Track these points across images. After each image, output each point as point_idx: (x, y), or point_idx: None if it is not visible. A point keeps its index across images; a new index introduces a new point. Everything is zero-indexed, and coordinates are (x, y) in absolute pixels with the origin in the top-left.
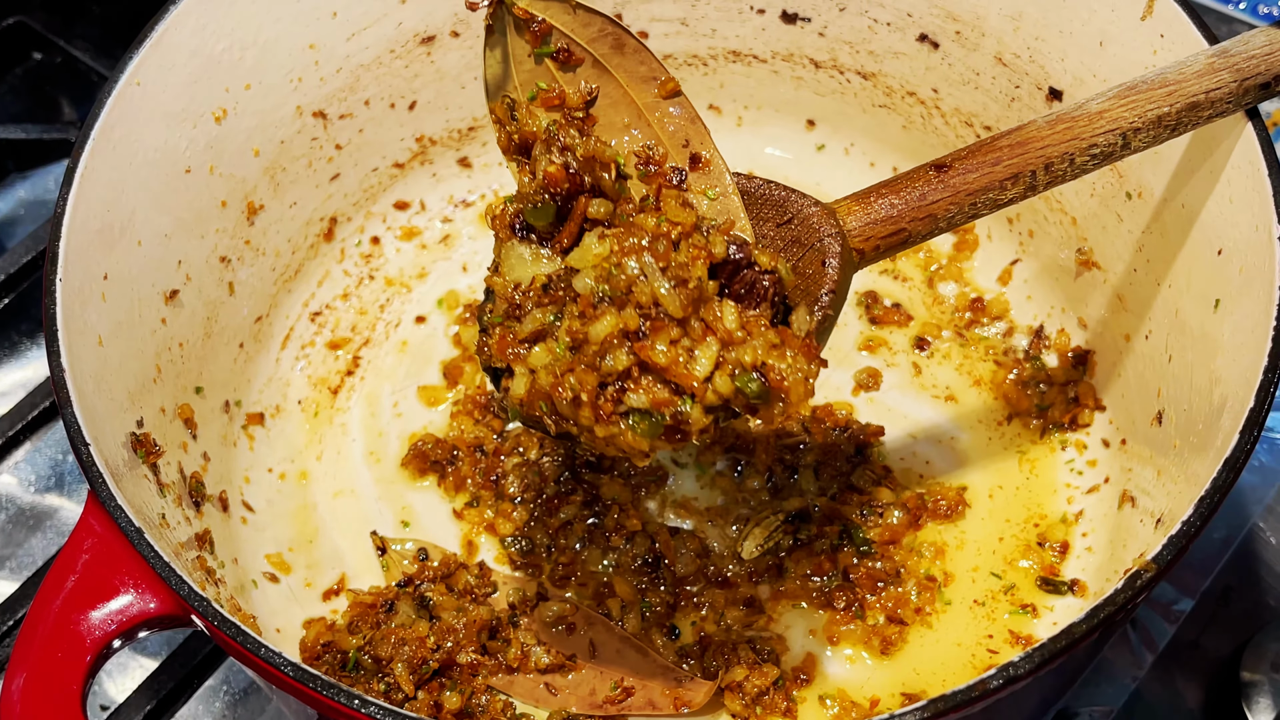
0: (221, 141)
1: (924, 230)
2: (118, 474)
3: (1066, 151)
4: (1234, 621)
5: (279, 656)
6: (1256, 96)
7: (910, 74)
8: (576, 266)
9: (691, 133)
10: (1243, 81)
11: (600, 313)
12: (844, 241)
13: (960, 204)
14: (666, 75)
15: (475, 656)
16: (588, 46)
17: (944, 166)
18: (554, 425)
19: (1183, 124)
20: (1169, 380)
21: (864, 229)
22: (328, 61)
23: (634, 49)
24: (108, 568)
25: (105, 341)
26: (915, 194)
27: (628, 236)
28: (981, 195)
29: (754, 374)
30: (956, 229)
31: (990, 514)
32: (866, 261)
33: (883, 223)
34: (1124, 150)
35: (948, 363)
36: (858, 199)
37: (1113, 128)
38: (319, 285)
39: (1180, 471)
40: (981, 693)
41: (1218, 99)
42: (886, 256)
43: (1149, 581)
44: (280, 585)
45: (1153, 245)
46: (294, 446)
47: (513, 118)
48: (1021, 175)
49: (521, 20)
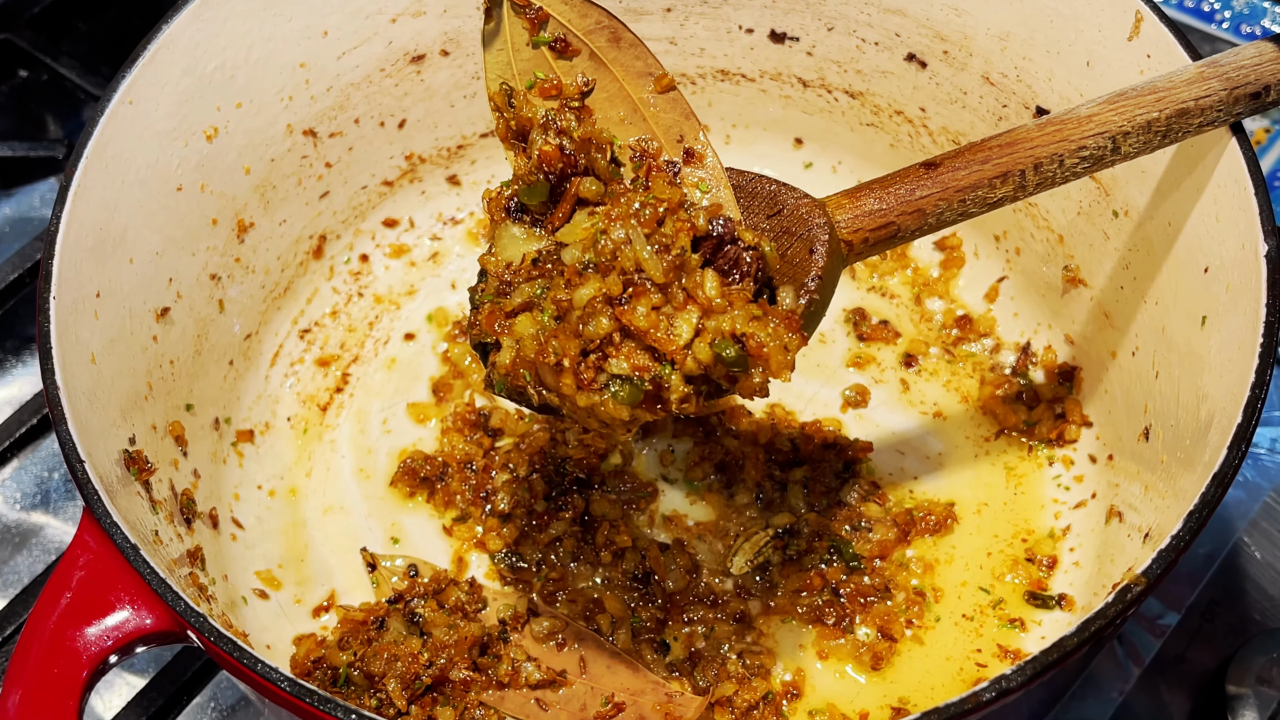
0: (213, 160)
1: (913, 225)
2: (111, 490)
3: (1055, 153)
4: (1219, 635)
5: (275, 671)
6: (1247, 107)
7: (898, 93)
8: (565, 241)
9: (686, 127)
10: (1232, 90)
11: (585, 279)
12: (832, 232)
13: (949, 200)
14: (662, 70)
15: (467, 673)
16: (584, 38)
17: (934, 164)
18: (537, 396)
19: (1173, 131)
20: (1156, 396)
21: (853, 221)
22: (318, 80)
23: (630, 43)
24: (103, 584)
25: (98, 358)
26: (904, 189)
27: (614, 208)
28: (970, 193)
29: (732, 341)
30: (944, 245)
31: (978, 529)
32: (856, 255)
33: (871, 215)
34: (1113, 154)
35: (935, 379)
36: (848, 194)
37: (1101, 130)
38: (308, 302)
39: (1168, 487)
40: (974, 705)
41: (1207, 107)
42: (876, 251)
43: (1138, 595)
44: (270, 602)
45: (1139, 262)
46: (283, 463)
47: (510, 105)
48: (1010, 174)
49: (519, 5)
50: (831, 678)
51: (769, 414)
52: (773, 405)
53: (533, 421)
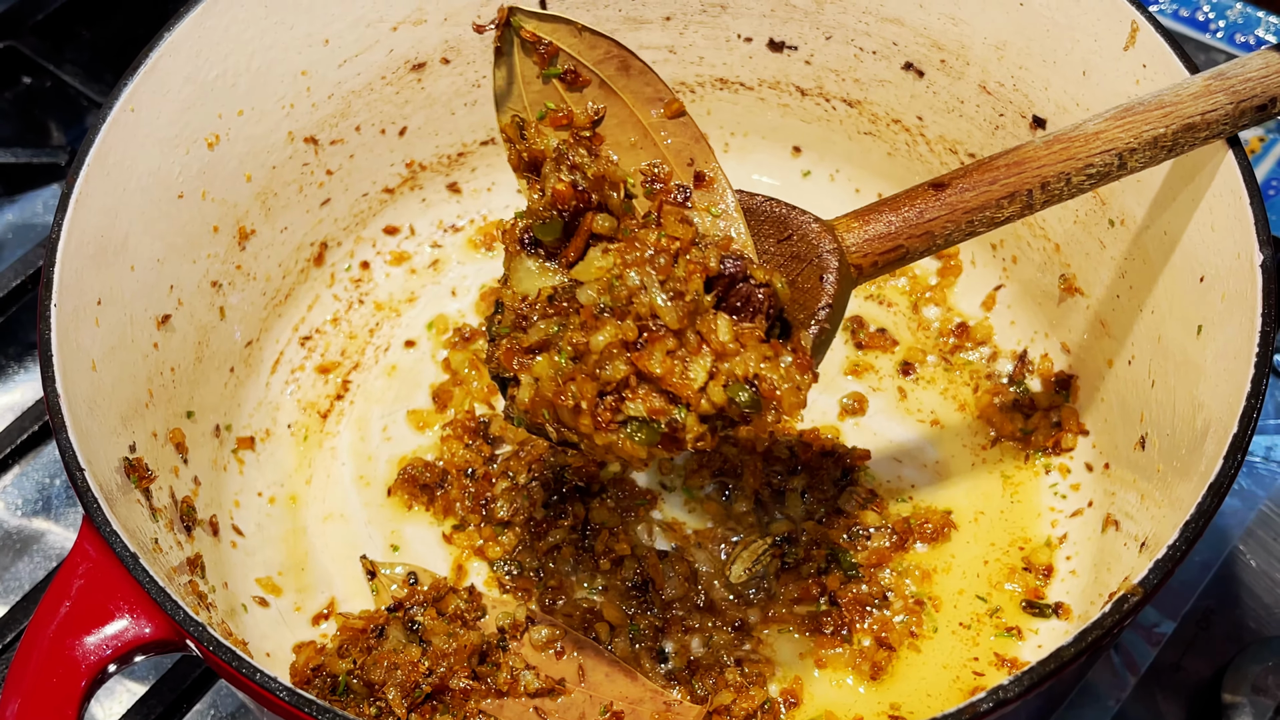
0: (214, 167)
1: (921, 247)
2: (112, 498)
3: (1063, 171)
4: (1215, 643)
5: (274, 681)
6: (1253, 118)
7: (895, 102)
8: (580, 279)
9: (696, 151)
10: (1239, 104)
11: (601, 323)
12: (842, 257)
13: (957, 221)
14: (671, 96)
15: (467, 681)
16: (594, 68)
17: (942, 185)
18: (556, 433)
19: (1179, 145)
20: (1152, 405)
21: (862, 245)
22: (319, 88)
23: (639, 70)
24: (103, 593)
25: (99, 366)
26: (913, 212)
27: (630, 250)
28: (978, 214)
29: (746, 385)
30: (941, 254)
31: (975, 537)
32: (865, 277)
33: (881, 239)
34: (1120, 170)
35: (932, 387)
36: (856, 216)
37: (1108, 148)
38: (309, 310)
39: (1164, 495)
40: (971, 716)
41: (1214, 120)
42: (885, 273)
43: (1135, 605)
44: (270, 609)
45: (1135, 271)
46: (284, 470)
47: (522, 136)
48: (1018, 194)
49: (529, 42)
50: (829, 686)
51: None
52: None
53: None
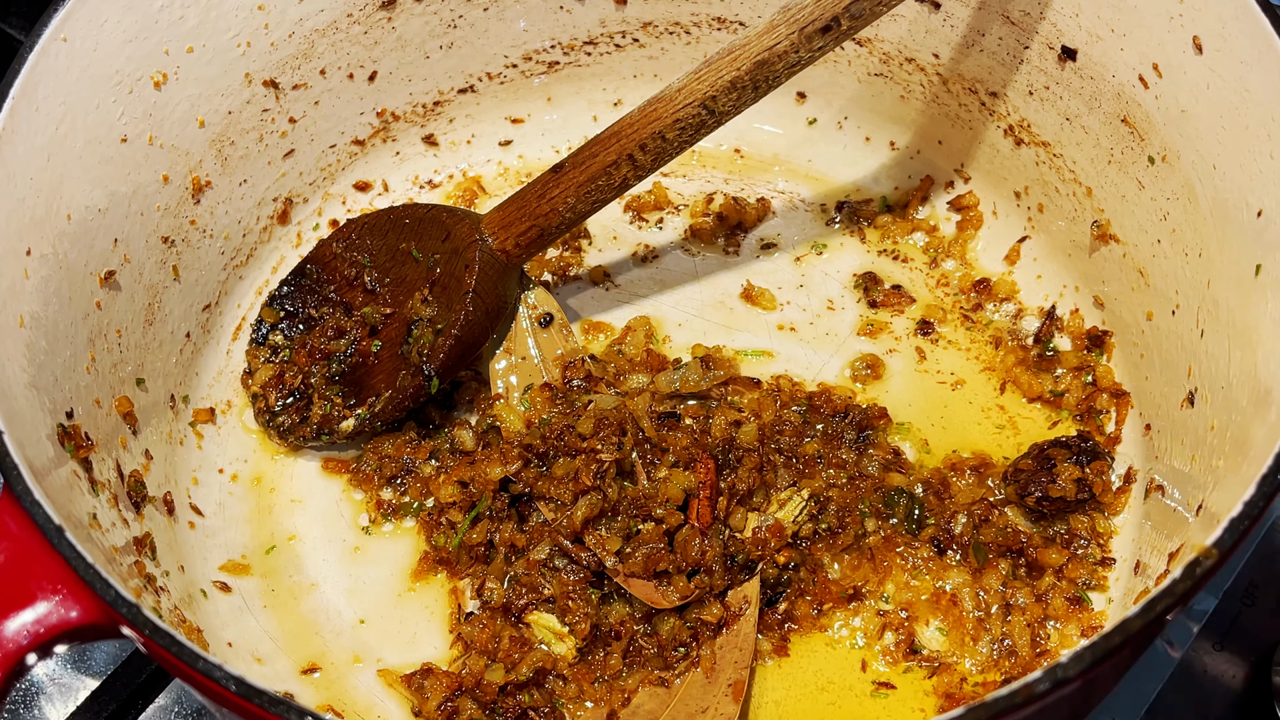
0: (162, 109)
1: (553, 223)
2: (39, 468)
3: (655, 130)
4: (1261, 619)
5: (219, 669)
6: (824, 40)
7: (909, 38)
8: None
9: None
10: (802, 30)
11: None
12: (483, 247)
13: (576, 194)
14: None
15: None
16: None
17: (560, 167)
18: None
19: (761, 82)
20: (1201, 357)
21: (501, 231)
22: (279, 25)
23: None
24: (23, 572)
25: (28, 322)
26: (537, 193)
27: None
28: (593, 183)
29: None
30: (960, 205)
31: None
32: (518, 258)
33: (516, 223)
34: (711, 118)
35: (953, 347)
36: (499, 207)
37: (690, 100)
38: (273, 272)
39: (1223, 452)
40: (1026, 698)
41: (783, 51)
42: (536, 251)
43: (1209, 569)
44: (233, 596)
45: (1179, 212)
46: (247, 446)
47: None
48: (620, 160)
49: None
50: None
51: (774, 384)
52: (778, 377)
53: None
